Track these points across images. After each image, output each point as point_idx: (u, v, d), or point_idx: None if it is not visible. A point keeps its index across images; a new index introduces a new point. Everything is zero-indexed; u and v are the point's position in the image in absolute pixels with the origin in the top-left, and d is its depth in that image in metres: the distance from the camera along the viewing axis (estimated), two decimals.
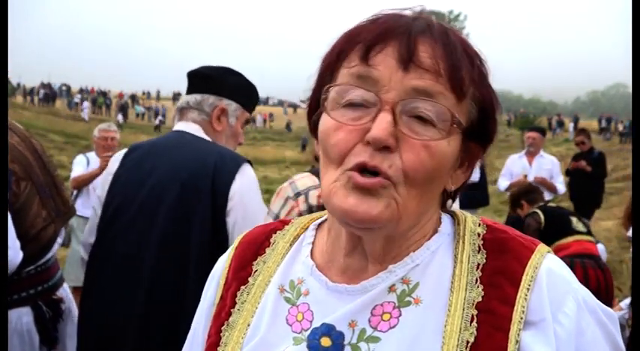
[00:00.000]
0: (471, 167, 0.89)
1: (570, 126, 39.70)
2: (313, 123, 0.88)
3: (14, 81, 54.59)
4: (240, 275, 0.96)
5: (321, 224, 0.98)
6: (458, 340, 0.77)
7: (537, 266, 0.81)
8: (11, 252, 2.03)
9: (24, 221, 2.22)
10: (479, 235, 0.87)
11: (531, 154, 7.24)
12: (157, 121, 43.66)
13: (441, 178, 0.83)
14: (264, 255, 0.97)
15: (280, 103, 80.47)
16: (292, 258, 0.95)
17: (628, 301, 4.80)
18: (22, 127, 2.47)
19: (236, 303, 0.93)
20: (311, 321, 0.85)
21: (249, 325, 0.90)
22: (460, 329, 0.78)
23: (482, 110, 0.84)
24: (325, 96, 0.82)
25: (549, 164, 7.19)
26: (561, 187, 7.07)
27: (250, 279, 0.95)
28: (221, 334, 0.92)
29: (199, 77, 2.42)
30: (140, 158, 2.31)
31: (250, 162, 2.30)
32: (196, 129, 2.37)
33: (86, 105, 44.78)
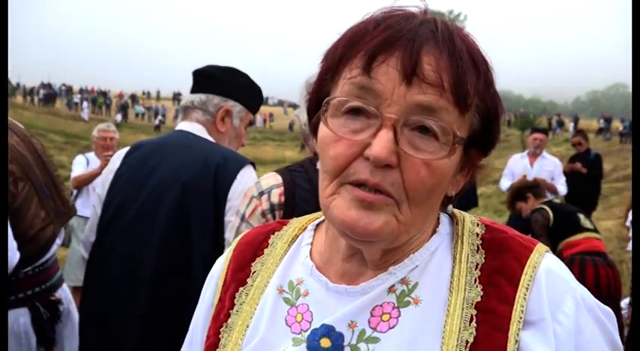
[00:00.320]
0: (471, 172, 0.88)
1: (570, 126, 39.72)
2: (313, 125, 0.87)
3: (14, 81, 54.65)
4: (238, 276, 0.96)
5: (319, 224, 0.98)
6: (457, 340, 0.76)
7: (536, 266, 0.81)
8: (8, 253, 2.02)
9: (22, 222, 2.21)
10: (477, 235, 0.87)
11: (534, 155, 7.24)
12: (157, 121, 43.64)
13: (442, 190, 0.82)
14: (262, 256, 0.97)
15: (280, 103, 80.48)
16: (291, 259, 0.94)
17: (628, 301, 4.80)
18: (23, 127, 2.46)
19: (235, 304, 0.93)
20: (310, 322, 0.85)
21: (247, 327, 0.90)
22: (459, 329, 0.77)
23: (485, 119, 0.82)
24: (325, 108, 0.80)
25: (551, 165, 7.19)
26: (562, 189, 7.04)
27: (249, 280, 0.94)
28: (220, 336, 0.91)
29: (205, 76, 2.39)
30: (142, 158, 2.29)
31: (253, 164, 2.29)
32: (199, 129, 2.35)
33: (86, 105, 44.79)
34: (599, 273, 4.45)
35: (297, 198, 1.76)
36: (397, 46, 0.76)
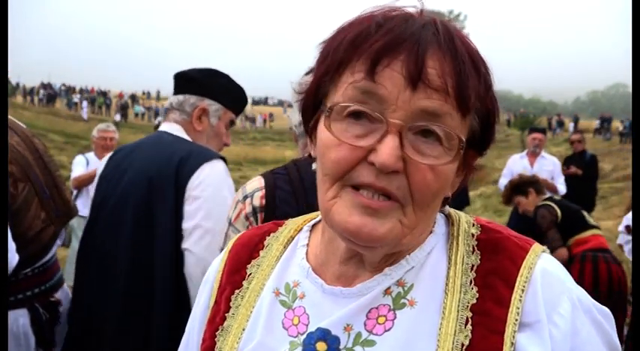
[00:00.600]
0: (467, 172, 0.87)
1: (570, 126, 39.72)
2: (310, 126, 0.86)
3: (14, 81, 54.58)
4: (234, 279, 0.95)
5: (315, 225, 0.97)
6: (453, 343, 0.76)
7: (532, 267, 0.81)
8: (8, 254, 2.02)
9: (21, 223, 2.20)
10: (473, 236, 0.86)
11: (534, 155, 7.26)
12: (157, 121, 43.52)
13: (445, 192, 0.82)
14: (258, 258, 0.96)
15: (280, 103, 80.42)
16: (287, 260, 0.94)
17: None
18: (25, 126, 2.45)
19: (230, 307, 0.92)
20: (307, 324, 0.85)
21: (244, 330, 0.89)
22: (455, 332, 0.77)
23: (484, 121, 0.82)
24: (329, 113, 0.78)
25: (551, 165, 7.21)
26: (562, 188, 7.05)
27: (244, 283, 0.94)
28: (215, 339, 0.91)
29: (185, 79, 2.44)
30: (120, 159, 2.38)
31: (224, 159, 2.31)
32: (177, 129, 2.40)
33: (86, 105, 44.78)
34: (610, 269, 4.53)
35: (277, 200, 1.78)
36: (401, 50, 0.75)
